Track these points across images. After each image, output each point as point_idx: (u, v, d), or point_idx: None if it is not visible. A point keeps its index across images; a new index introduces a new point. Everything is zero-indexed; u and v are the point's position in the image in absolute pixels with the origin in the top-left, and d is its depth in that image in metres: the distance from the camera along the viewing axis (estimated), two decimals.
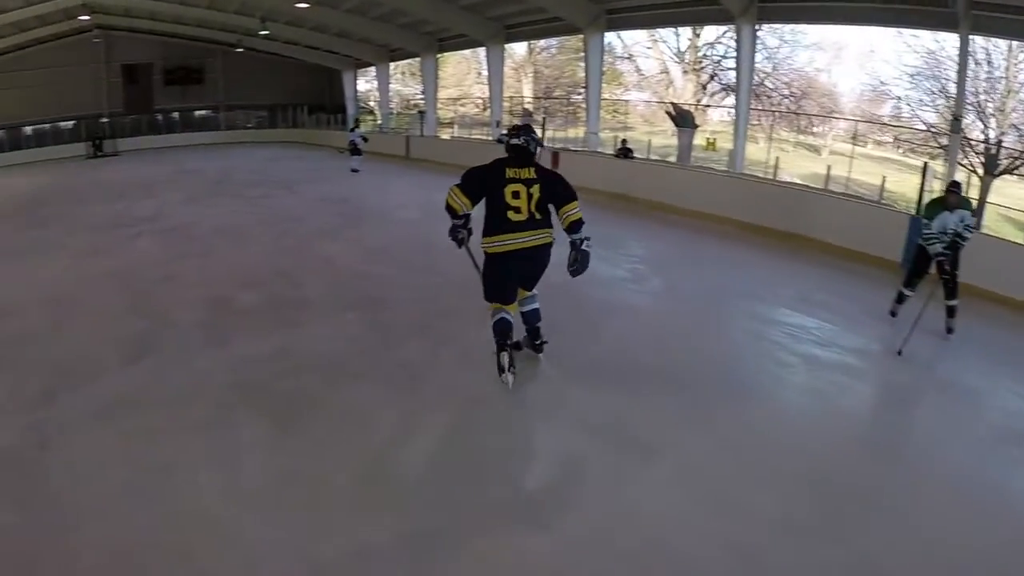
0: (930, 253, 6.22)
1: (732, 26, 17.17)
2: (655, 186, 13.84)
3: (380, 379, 4.78)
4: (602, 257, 7.74)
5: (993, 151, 15.35)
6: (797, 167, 17.65)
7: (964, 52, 12.09)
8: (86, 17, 25.51)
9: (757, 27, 15.24)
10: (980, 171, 15.25)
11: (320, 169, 19.19)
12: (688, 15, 16.43)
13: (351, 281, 7.34)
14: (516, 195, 4.37)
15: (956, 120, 12.29)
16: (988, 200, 13.63)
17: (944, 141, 15.82)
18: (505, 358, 4.57)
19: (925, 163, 10.87)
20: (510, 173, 4.39)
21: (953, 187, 6.19)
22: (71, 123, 29.49)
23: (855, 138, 19.05)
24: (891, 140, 19.48)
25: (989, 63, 16.03)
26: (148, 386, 4.69)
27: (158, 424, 4.13)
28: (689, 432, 4.14)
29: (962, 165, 15.29)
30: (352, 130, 19.61)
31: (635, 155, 16.17)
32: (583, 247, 4.42)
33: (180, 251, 8.83)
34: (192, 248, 9.01)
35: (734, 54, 19.30)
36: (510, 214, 4.37)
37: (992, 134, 16.01)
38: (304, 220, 11.04)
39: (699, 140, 18.61)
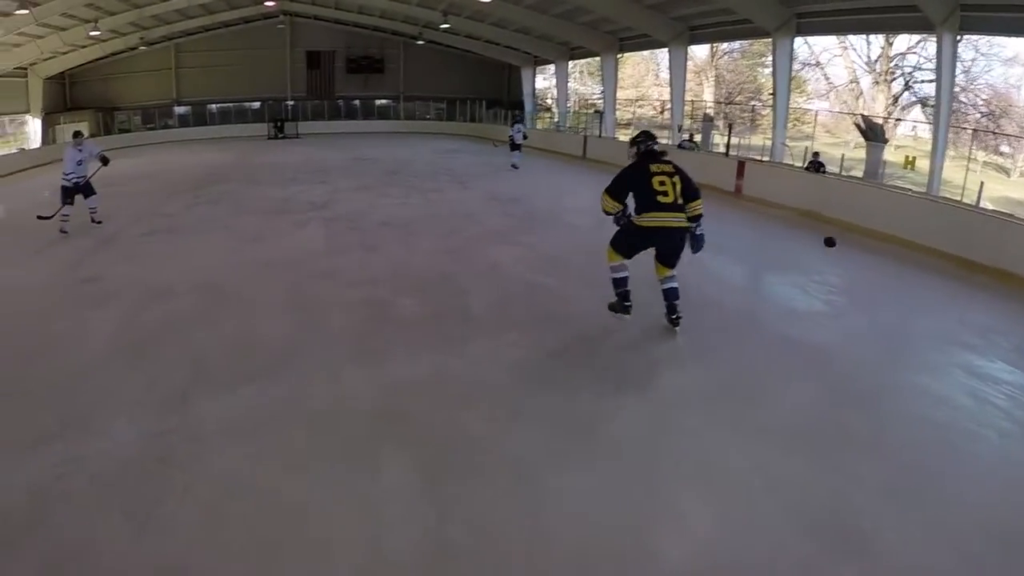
0: None
1: (928, 35, 16.59)
2: (849, 205, 12.57)
3: (547, 422, 4.06)
4: (797, 284, 7.62)
5: None
6: (988, 190, 15.58)
7: None
8: (272, 3, 26.96)
9: (959, 37, 13.94)
10: None
11: (494, 164, 18.90)
12: (884, 22, 15.05)
13: (520, 293, 6.69)
14: (663, 183, 5.17)
15: None
16: None
17: None
18: (625, 304, 5.54)
19: None
20: (654, 168, 5.25)
21: None
22: (256, 104, 31.53)
23: None
24: None
25: None
26: (287, 401, 4.28)
27: (292, 451, 3.68)
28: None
29: None
30: (513, 125, 19.28)
31: (827, 170, 14.76)
32: (698, 233, 5.40)
33: (345, 243, 8.64)
34: (358, 241, 8.80)
35: (928, 65, 17.74)
36: (659, 198, 5.15)
37: None
38: (474, 218, 10.63)
39: (893, 157, 17.04)
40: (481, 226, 10.06)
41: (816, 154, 15.58)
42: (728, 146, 17.39)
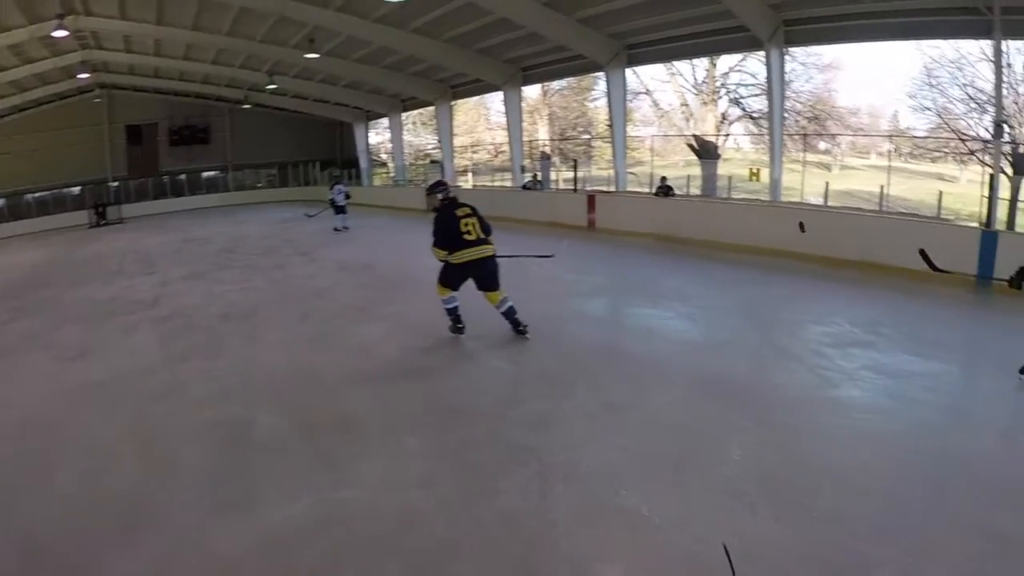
0: None
1: (749, 53, 17.67)
2: (702, 223, 13.03)
3: (484, 561, 3.18)
4: (685, 315, 7.60)
5: (1022, 150, 14.81)
6: (816, 187, 16.74)
7: (999, 58, 11.79)
8: (87, 75, 24.55)
9: (785, 51, 14.86)
10: (1009, 171, 14.56)
11: (334, 230, 17.66)
12: (713, 45, 15.76)
13: (403, 381, 5.70)
14: (467, 225, 6.18)
15: (999, 126, 11.60)
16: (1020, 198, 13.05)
17: (974, 146, 17.23)
18: (458, 327, 6.61)
19: (991, 175, 10.19)
20: (459, 213, 6.27)
21: None
22: (76, 189, 28.44)
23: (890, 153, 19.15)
24: (894, 148, 20.05)
25: (1008, 64, 15.37)
26: None
27: None
28: None
29: (988, 166, 15.00)
30: (332, 187, 18.10)
31: (675, 193, 15.19)
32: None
33: (183, 348, 7.20)
34: (197, 343, 7.41)
35: (750, 80, 18.91)
36: (466, 237, 6.14)
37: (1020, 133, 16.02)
38: (328, 295, 9.50)
39: (734, 171, 17.88)
40: (336, 302, 9.01)
41: (664, 178, 15.90)
42: (576, 181, 17.42)
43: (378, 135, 32.58)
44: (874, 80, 22.50)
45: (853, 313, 7.27)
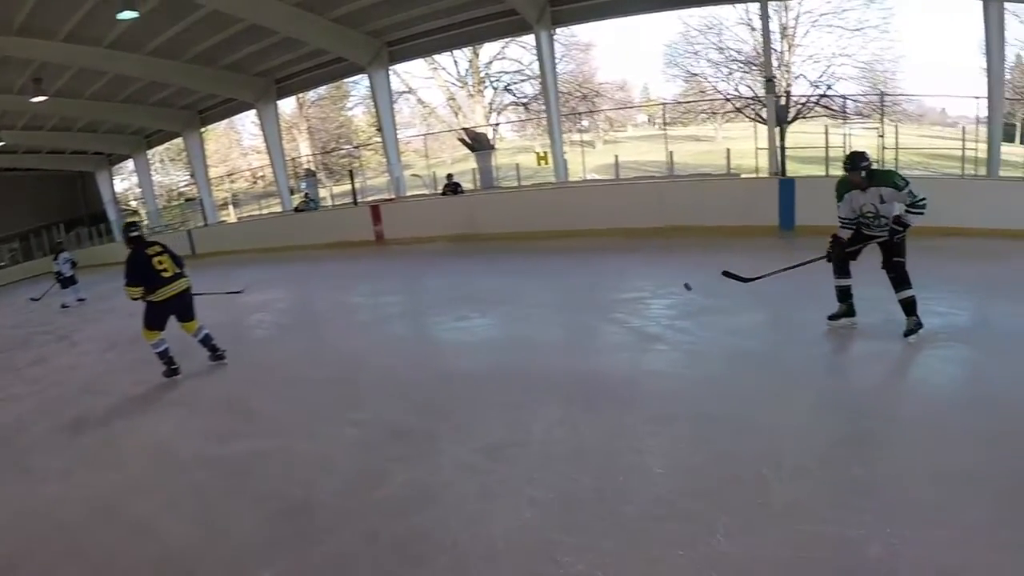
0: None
1: (517, 37, 17.25)
2: (498, 217, 12.65)
3: None
4: (520, 319, 6.93)
5: (783, 102, 15.87)
6: (588, 163, 17.59)
7: (766, 18, 12.32)
8: None
9: (554, 32, 14.76)
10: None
11: (93, 300, 13.73)
12: (480, 32, 15.37)
13: (230, 485, 3.92)
14: (160, 262, 5.98)
15: (769, 81, 12.42)
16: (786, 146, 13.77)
17: (739, 104, 18.12)
18: (172, 368, 6.13)
19: (781, 127, 10.76)
20: (150, 251, 6.02)
21: (851, 163, 5.01)
22: None
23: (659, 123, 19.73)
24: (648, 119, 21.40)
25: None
26: None
27: None
28: None
29: (755, 119, 16.95)
30: (56, 257, 13.81)
31: (463, 189, 14.67)
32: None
33: None
34: None
35: (513, 66, 18.96)
36: (162, 274, 5.93)
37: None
38: (101, 387, 6.64)
39: (513, 159, 17.75)
40: (113, 395, 6.28)
41: (450, 176, 15.25)
42: (355, 193, 16.27)
43: (124, 180, 28.49)
44: (628, 55, 23.71)
45: (686, 280, 6.95)
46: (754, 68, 17.33)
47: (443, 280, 9.54)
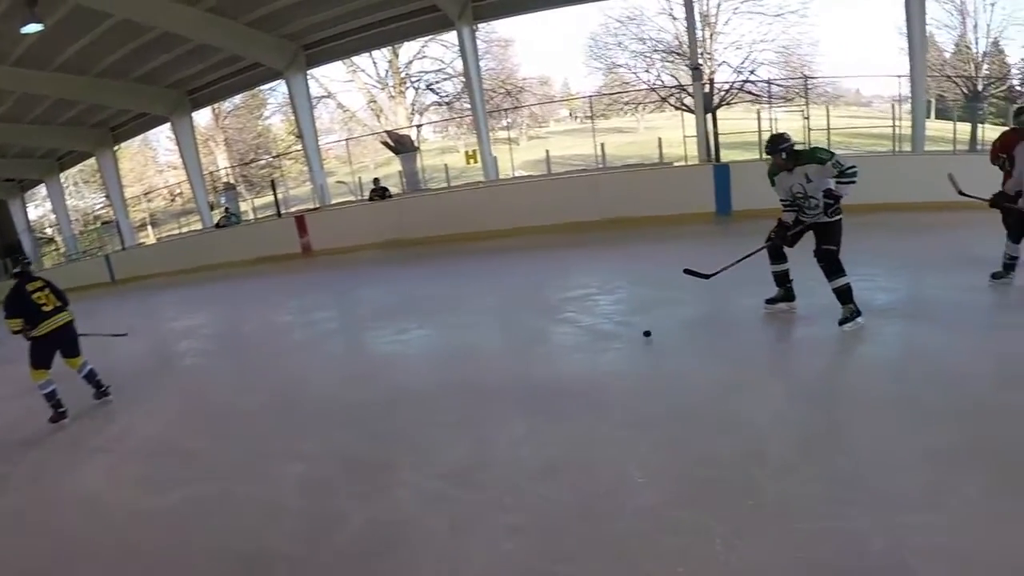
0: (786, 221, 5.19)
1: (438, 34, 17.08)
2: (428, 220, 12.29)
3: None
4: (468, 326, 6.58)
5: (707, 89, 15.83)
6: (515, 160, 17.31)
7: (691, 6, 12.53)
8: None
9: (476, 27, 14.54)
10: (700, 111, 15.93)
11: (5, 338, 12.65)
12: (401, 31, 15.05)
13: (168, 570, 3.21)
14: (39, 297, 5.81)
15: (696, 69, 12.38)
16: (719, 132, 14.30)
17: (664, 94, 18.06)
18: (60, 412, 5.65)
19: (713, 111, 10.78)
20: (30, 287, 5.81)
21: (770, 146, 5.02)
22: None
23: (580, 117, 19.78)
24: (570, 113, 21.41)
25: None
26: None
27: None
28: None
29: (680, 107, 17.08)
30: None
31: (391, 194, 14.23)
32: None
33: None
34: None
35: (440, 64, 18.60)
36: (43, 308, 5.76)
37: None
38: (24, 436, 5.49)
39: (436, 160, 17.62)
40: (35, 447, 5.69)
41: (377, 180, 14.78)
42: (278, 205, 15.59)
43: (38, 207, 26.69)
44: (548, 50, 23.70)
45: (631, 273, 6.81)
46: (677, 57, 17.45)
47: (378, 290, 9.11)
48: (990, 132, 13.97)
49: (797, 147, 4.97)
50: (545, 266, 8.69)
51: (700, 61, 13.96)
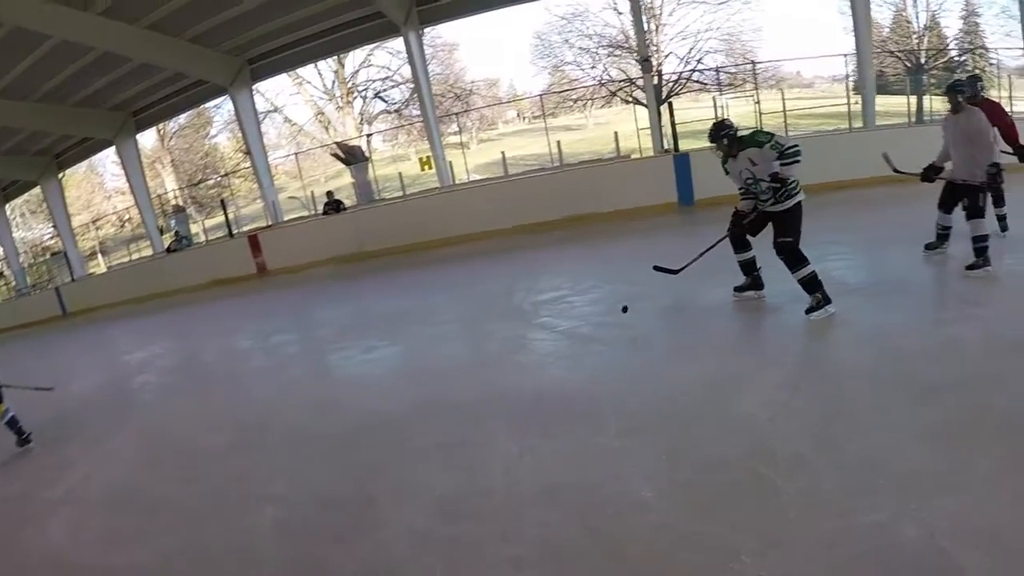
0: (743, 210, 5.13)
1: (379, 45, 17.25)
2: (387, 230, 12.00)
3: None
4: (438, 337, 6.26)
5: (656, 81, 16.02)
6: (467, 164, 17.06)
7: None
8: None
9: (422, 32, 14.53)
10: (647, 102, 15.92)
11: None
12: (346, 39, 14.90)
13: None
14: None
15: (646, 61, 12.27)
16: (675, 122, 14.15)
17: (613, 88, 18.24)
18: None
19: (669, 102, 10.85)
20: None
21: (711, 135, 5.00)
22: None
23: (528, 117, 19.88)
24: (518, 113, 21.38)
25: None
26: None
27: None
28: None
29: (630, 101, 17.30)
30: None
31: (346, 207, 13.96)
32: None
33: None
34: None
35: (386, 72, 18.36)
36: None
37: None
38: None
39: (389, 169, 17.40)
40: None
41: (330, 193, 14.46)
42: (229, 225, 15.08)
43: None
44: (494, 52, 23.63)
45: (602, 271, 6.61)
46: (623, 51, 17.44)
47: (340, 308, 8.75)
48: (937, 104, 14.27)
49: (741, 133, 4.90)
50: (512, 270, 8.43)
51: (649, 53, 13.98)
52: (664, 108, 11.68)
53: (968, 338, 3.97)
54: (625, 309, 5.22)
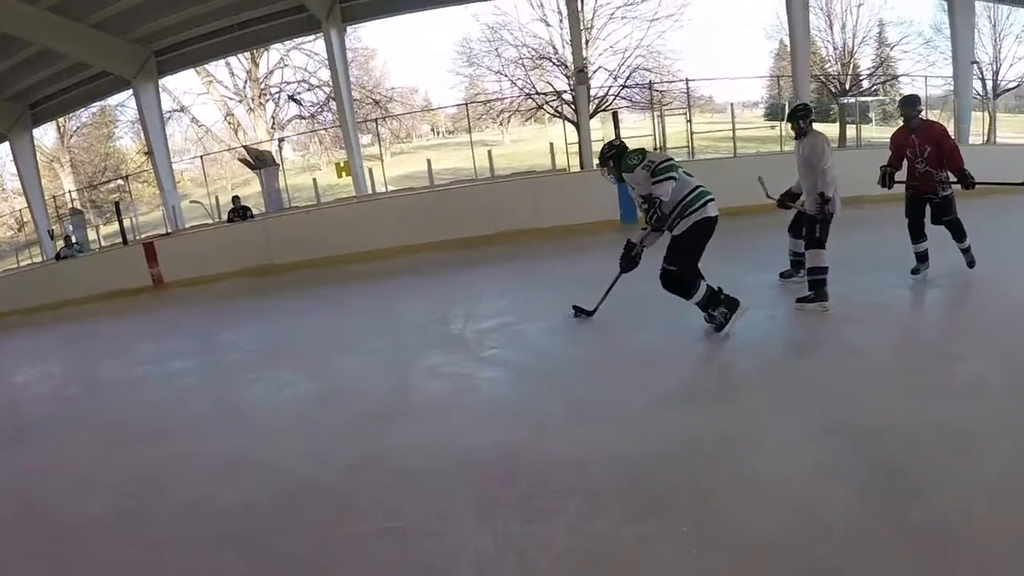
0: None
1: (297, 44, 16.95)
2: (300, 239, 11.15)
3: None
4: (376, 367, 5.47)
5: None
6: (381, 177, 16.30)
7: (574, 10, 12.84)
8: None
9: (344, 30, 14.20)
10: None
11: None
12: (262, 33, 14.29)
13: None
14: None
15: (581, 72, 12.02)
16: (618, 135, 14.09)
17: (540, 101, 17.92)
18: None
19: (614, 118, 10.57)
20: None
21: (600, 156, 5.03)
22: None
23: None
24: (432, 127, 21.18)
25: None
26: None
27: None
28: None
29: (556, 115, 17.33)
30: None
31: (253, 214, 12.98)
32: None
33: None
34: None
35: (303, 75, 17.57)
36: None
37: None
38: None
39: (300, 177, 16.99)
40: None
41: (236, 198, 13.41)
42: (124, 231, 13.64)
43: None
44: (414, 60, 23.13)
45: (549, 293, 5.96)
46: (551, 64, 17.12)
47: (248, 329, 7.67)
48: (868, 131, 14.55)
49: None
50: (445, 290, 7.68)
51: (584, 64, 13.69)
52: (608, 118, 11.32)
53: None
54: (578, 313, 4.97)
